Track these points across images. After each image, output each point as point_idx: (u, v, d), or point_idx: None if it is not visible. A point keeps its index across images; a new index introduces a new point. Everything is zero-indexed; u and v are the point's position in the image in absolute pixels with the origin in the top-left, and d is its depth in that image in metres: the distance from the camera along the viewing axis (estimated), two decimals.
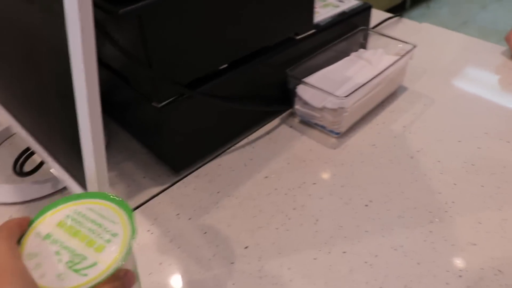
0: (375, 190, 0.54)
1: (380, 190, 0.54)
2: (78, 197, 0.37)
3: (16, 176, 0.59)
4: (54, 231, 0.34)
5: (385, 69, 0.62)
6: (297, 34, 0.63)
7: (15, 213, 0.54)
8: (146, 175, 0.59)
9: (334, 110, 0.59)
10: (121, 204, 0.36)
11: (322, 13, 0.69)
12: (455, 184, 0.54)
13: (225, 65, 0.56)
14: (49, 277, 0.30)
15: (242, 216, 0.52)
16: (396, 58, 0.65)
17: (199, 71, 0.53)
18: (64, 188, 0.56)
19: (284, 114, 0.67)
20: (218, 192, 0.55)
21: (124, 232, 0.33)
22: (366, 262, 0.46)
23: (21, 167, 0.60)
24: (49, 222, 0.35)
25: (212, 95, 0.54)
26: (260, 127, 0.65)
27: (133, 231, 0.33)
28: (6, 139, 0.66)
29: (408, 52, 0.66)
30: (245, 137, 0.63)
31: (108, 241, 0.33)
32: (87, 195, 0.37)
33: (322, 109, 0.61)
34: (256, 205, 0.53)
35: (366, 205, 0.52)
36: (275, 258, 0.47)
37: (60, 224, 0.34)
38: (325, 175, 0.57)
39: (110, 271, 0.31)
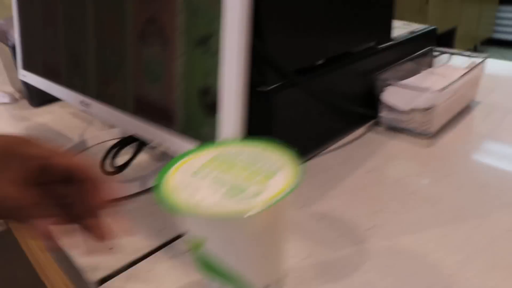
0: (485, 178, 0.53)
1: (489, 177, 0.53)
2: (222, 144, 0.35)
3: (104, 175, 0.56)
4: (203, 168, 0.31)
5: (461, 76, 0.63)
6: (378, 44, 0.66)
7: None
8: None
9: (424, 109, 0.60)
10: (275, 146, 0.34)
11: (395, 31, 0.72)
12: None
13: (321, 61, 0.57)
14: (206, 204, 0.28)
15: (356, 204, 0.50)
16: (468, 69, 0.67)
17: (301, 61, 0.54)
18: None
19: (369, 123, 0.67)
20: (322, 185, 0.53)
21: (289, 168, 0.31)
22: (507, 231, 0.43)
23: (111, 165, 0.57)
24: (194, 163, 0.32)
25: (313, 88, 0.55)
26: (347, 135, 0.65)
27: (297, 170, 0.31)
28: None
29: (480, 63, 0.68)
30: (335, 143, 0.63)
31: (274, 172, 0.31)
32: (233, 143, 0.35)
33: (411, 111, 0.61)
34: (367, 195, 0.51)
35: (481, 189, 0.51)
36: (404, 235, 0.44)
37: (209, 163, 0.32)
38: (427, 168, 0.56)
39: (277, 199, 0.28)
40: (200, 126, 0.39)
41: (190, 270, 0.41)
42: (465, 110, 0.70)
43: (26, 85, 0.82)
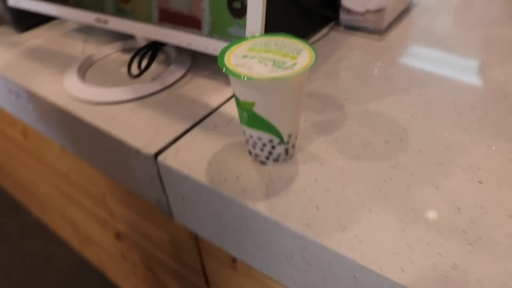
0: (424, 60, 0.70)
1: (426, 60, 0.70)
2: (255, 37, 0.48)
3: (129, 78, 0.68)
4: (249, 52, 0.44)
5: None
6: None
7: (132, 108, 0.64)
8: None
9: (376, 10, 0.75)
10: (295, 37, 0.47)
11: None
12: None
13: None
14: (263, 73, 0.41)
15: (332, 84, 0.66)
16: None
17: None
18: (172, 84, 0.67)
19: (331, 24, 0.82)
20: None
21: (307, 49, 0.45)
22: (438, 96, 0.61)
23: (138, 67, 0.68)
24: (239, 50, 0.45)
25: None
26: (315, 34, 0.79)
27: (314, 49, 0.45)
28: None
29: None
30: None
31: (298, 52, 0.44)
32: (262, 36, 0.48)
33: (366, 12, 0.76)
34: (338, 77, 0.67)
35: (422, 67, 0.68)
36: (371, 102, 0.61)
37: (251, 49, 0.45)
38: (380, 56, 0.72)
39: (309, 66, 0.41)
40: (228, 26, 0.51)
41: (226, 136, 0.56)
42: (406, 10, 0.86)
43: (10, 10, 0.88)
